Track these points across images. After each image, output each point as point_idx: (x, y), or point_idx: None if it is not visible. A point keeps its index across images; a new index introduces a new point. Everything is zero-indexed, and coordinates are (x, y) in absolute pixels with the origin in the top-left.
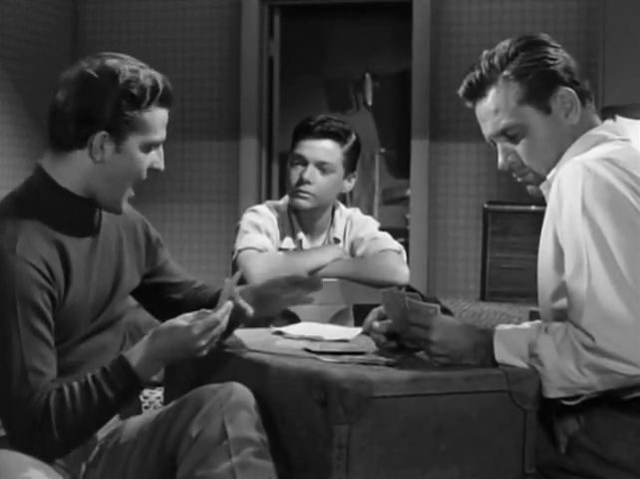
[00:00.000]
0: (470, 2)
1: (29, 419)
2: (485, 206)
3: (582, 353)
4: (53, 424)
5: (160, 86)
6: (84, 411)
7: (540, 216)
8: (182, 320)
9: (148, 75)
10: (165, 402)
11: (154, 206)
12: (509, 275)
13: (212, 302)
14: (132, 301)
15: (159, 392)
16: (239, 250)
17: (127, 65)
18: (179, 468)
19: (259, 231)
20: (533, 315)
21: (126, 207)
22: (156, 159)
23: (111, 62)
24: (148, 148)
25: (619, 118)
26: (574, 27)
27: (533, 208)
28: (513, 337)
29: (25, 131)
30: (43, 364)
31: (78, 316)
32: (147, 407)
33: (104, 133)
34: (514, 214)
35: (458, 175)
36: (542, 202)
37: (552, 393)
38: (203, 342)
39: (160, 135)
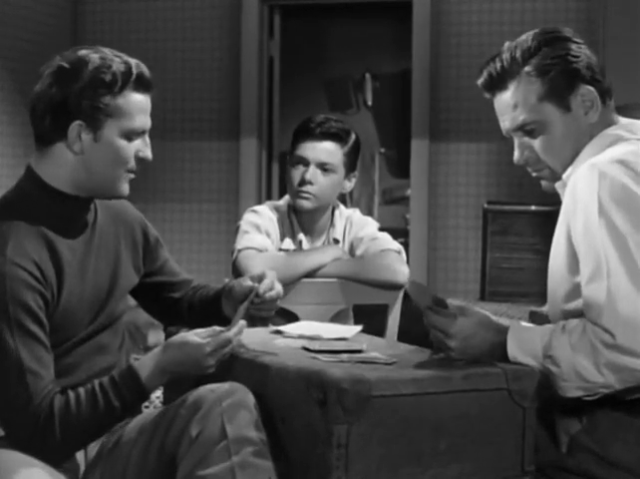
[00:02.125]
0: (470, 2)
1: (30, 422)
2: (485, 206)
3: (601, 352)
4: (56, 428)
5: (134, 71)
6: (88, 417)
7: (540, 215)
8: (195, 336)
9: (121, 62)
10: (165, 402)
11: (153, 206)
12: (509, 275)
13: (210, 303)
14: (131, 301)
15: (158, 392)
16: (239, 250)
17: (99, 54)
18: (179, 468)
19: (259, 231)
20: (533, 315)
21: (126, 190)
22: (141, 147)
23: (83, 52)
24: (128, 136)
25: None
26: (574, 27)
27: (533, 208)
28: (527, 335)
29: (25, 131)
30: (40, 366)
31: (75, 317)
32: (147, 407)
33: (79, 122)
34: (514, 214)
35: (458, 175)
36: (542, 201)
37: (571, 393)
38: (213, 361)
39: (140, 122)
